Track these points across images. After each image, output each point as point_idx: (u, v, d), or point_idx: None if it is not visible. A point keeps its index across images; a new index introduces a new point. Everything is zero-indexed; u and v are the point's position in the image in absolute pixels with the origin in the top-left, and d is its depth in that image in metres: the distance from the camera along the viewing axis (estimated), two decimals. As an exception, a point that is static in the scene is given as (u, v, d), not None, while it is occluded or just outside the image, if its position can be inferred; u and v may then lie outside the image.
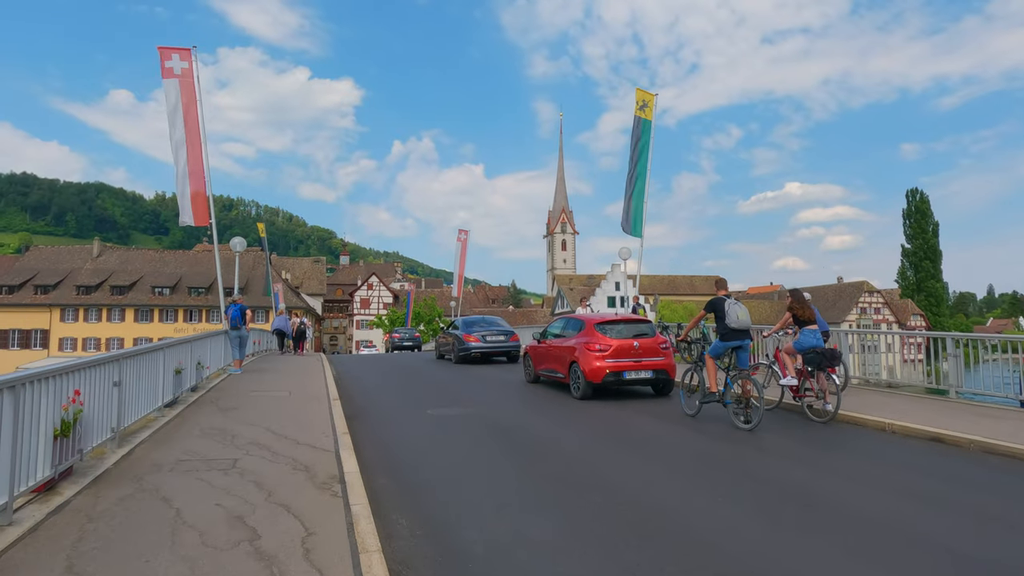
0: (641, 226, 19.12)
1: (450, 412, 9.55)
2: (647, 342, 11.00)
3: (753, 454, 6.83)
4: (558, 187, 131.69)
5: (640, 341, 10.95)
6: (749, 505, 5.10)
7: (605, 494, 5.35)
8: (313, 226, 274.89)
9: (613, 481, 5.79)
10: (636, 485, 5.67)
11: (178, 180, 14.98)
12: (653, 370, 10.91)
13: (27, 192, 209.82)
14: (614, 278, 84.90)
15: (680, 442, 7.57)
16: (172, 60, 15.20)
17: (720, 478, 5.92)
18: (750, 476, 5.95)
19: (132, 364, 6.72)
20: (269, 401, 9.85)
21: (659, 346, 11.14)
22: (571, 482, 5.74)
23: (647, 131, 19.26)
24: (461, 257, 41.82)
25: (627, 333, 11.07)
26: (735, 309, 8.29)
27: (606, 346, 10.76)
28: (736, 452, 6.92)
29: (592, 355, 10.74)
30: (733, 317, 8.24)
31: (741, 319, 8.26)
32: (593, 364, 10.65)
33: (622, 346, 10.78)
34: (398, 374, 16.48)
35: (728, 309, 8.28)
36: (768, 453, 6.88)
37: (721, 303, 8.40)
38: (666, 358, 11.12)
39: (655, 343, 11.11)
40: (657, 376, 11.00)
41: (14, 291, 59.61)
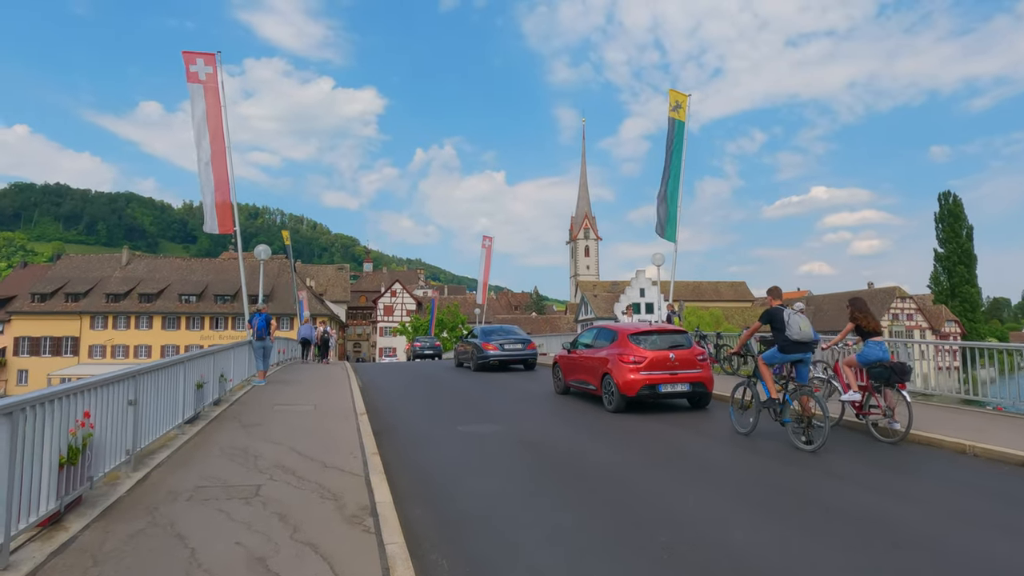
0: (675, 230, 18.48)
1: (482, 429, 9.00)
2: (683, 353, 10.56)
3: (824, 481, 6.16)
4: (581, 192, 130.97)
5: (676, 353, 10.51)
6: (835, 543, 4.46)
7: (671, 531, 4.74)
8: (337, 234, 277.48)
9: (676, 514, 5.17)
10: (703, 520, 5.05)
11: (202, 187, 14.71)
12: (690, 383, 10.46)
13: (60, 202, 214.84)
14: (639, 284, 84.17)
15: (739, 466, 6.92)
16: (196, 65, 14.97)
17: (793, 510, 5.28)
18: (826, 508, 5.29)
19: (150, 380, 6.29)
20: (294, 416, 9.40)
21: (696, 358, 10.68)
22: (628, 516, 5.15)
23: (680, 132, 18.64)
24: (486, 264, 41.36)
25: (662, 344, 10.63)
26: (797, 320, 7.69)
27: (641, 358, 10.34)
28: (804, 478, 6.25)
29: (626, 367, 10.33)
30: (795, 328, 7.64)
31: (804, 330, 7.65)
32: (627, 376, 10.25)
33: (657, 358, 10.35)
34: (423, 384, 16.05)
35: (789, 320, 7.69)
36: (840, 479, 6.20)
37: (780, 313, 7.80)
38: (704, 370, 10.67)
39: (692, 355, 10.65)
40: (694, 389, 10.54)
41: (46, 299, 60.56)
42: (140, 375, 5.94)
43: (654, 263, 18.71)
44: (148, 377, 6.23)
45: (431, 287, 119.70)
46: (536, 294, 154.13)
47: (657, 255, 18.73)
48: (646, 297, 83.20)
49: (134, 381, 5.75)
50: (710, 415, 10.29)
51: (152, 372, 6.35)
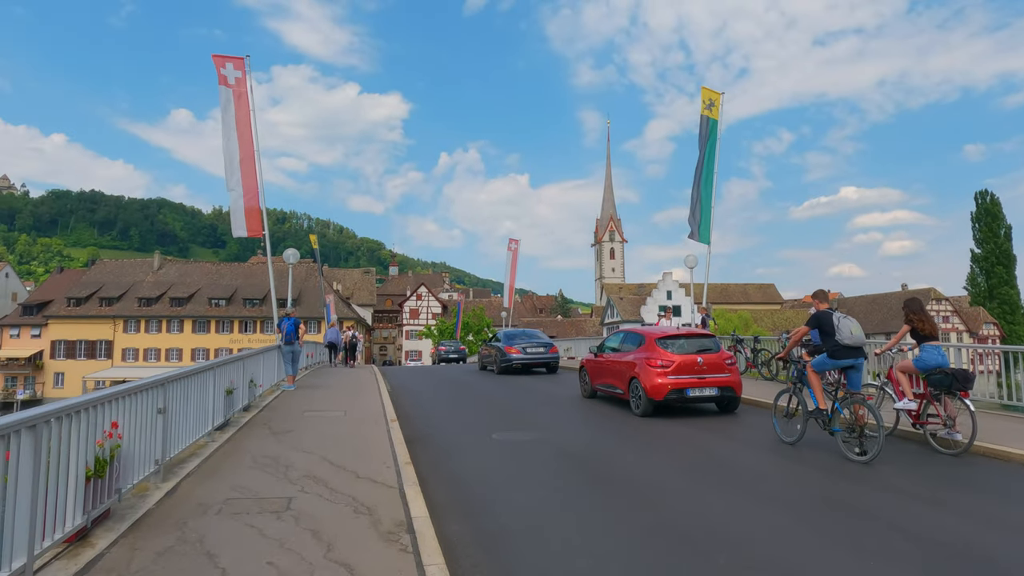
0: (709, 231, 18.01)
1: (517, 437, 8.71)
2: (711, 358, 10.51)
3: (885, 496, 5.74)
4: (606, 195, 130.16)
5: (704, 357, 10.46)
6: (910, 569, 4.08)
7: (729, 552, 4.40)
8: (363, 238, 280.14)
9: (732, 532, 4.82)
10: (761, 538, 4.69)
11: (231, 191, 14.68)
12: (718, 387, 10.41)
13: (95, 208, 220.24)
14: (666, 287, 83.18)
15: (790, 478, 6.52)
16: (226, 68, 14.97)
17: (857, 528, 4.89)
18: (893, 526, 4.89)
19: (179, 388, 6.12)
20: (324, 423, 9.21)
21: (724, 362, 10.61)
22: (680, 534, 4.81)
23: (714, 131, 18.19)
24: (512, 267, 41.08)
25: (690, 348, 10.58)
26: (847, 323, 7.30)
27: (668, 362, 10.29)
28: (863, 493, 5.84)
29: (654, 371, 10.28)
30: (846, 332, 7.24)
31: (855, 335, 7.27)
32: (655, 380, 10.19)
33: (685, 362, 10.31)
34: (451, 388, 15.94)
35: (839, 323, 7.30)
36: (902, 494, 5.78)
37: (829, 317, 7.42)
38: (732, 374, 10.59)
39: (720, 359, 10.58)
40: (722, 393, 10.47)
41: (81, 303, 61.87)
42: (169, 382, 5.77)
43: (687, 265, 18.25)
44: (177, 384, 6.07)
45: (456, 290, 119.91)
46: (561, 297, 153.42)
47: (690, 257, 18.28)
48: (673, 300, 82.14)
49: (163, 389, 5.58)
50: (740, 420, 10.09)
51: (181, 379, 6.19)
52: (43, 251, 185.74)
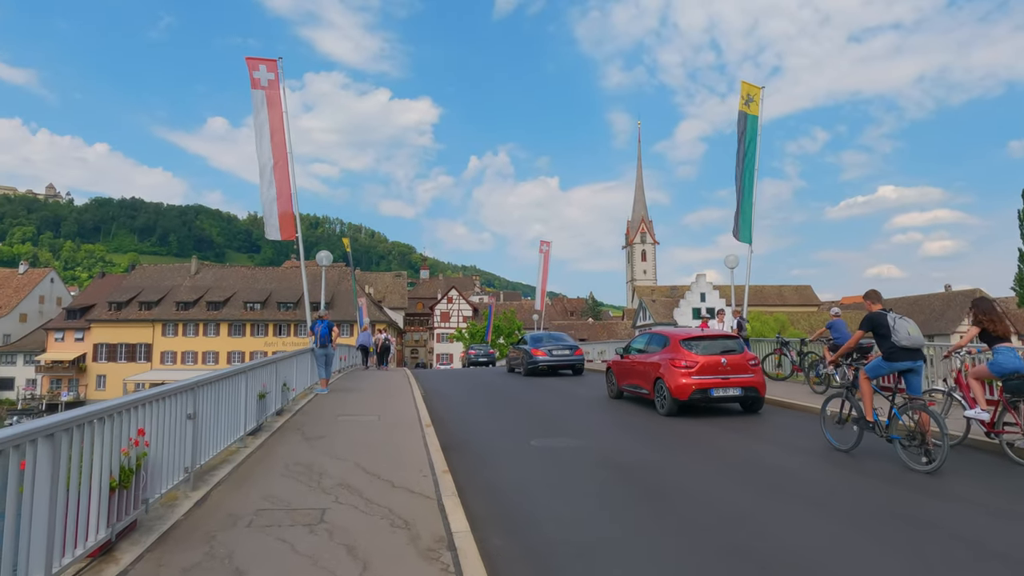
0: (750, 230, 17.40)
1: (556, 444, 8.34)
2: (735, 358, 10.70)
3: (953, 506, 5.22)
4: (637, 196, 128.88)
5: (728, 358, 10.66)
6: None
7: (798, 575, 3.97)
8: (394, 242, 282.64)
9: (802, 553, 4.38)
10: (837, 560, 4.24)
11: (264, 193, 14.63)
12: (742, 387, 10.59)
13: (135, 215, 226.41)
14: (699, 289, 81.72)
15: (855, 491, 5.99)
16: (259, 71, 14.96)
17: (939, 551, 4.40)
18: (976, 546, 4.39)
19: (210, 392, 5.91)
20: (358, 427, 8.97)
21: (748, 363, 10.81)
22: (743, 551, 4.38)
23: (754, 127, 17.59)
24: (543, 269, 40.72)
25: (714, 349, 10.80)
26: (903, 324, 6.84)
27: (692, 362, 10.51)
28: (933, 505, 5.32)
29: (678, 371, 10.50)
30: (904, 334, 6.78)
31: (913, 336, 6.80)
32: (679, 381, 10.41)
33: (709, 363, 10.51)
34: (483, 392, 15.72)
35: (895, 324, 6.85)
36: (974, 505, 5.25)
37: (884, 318, 6.96)
38: (755, 375, 10.79)
39: (743, 359, 10.78)
40: (746, 393, 10.65)
41: (122, 307, 63.36)
42: (199, 387, 5.55)
43: (727, 265, 17.67)
44: (208, 388, 5.85)
45: (486, 293, 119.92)
46: (592, 300, 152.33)
47: (730, 257, 17.69)
48: (707, 302, 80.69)
49: (192, 393, 5.36)
50: (773, 421, 10.11)
51: (212, 383, 5.98)
52: (86, 257, 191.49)
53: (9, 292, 69.77)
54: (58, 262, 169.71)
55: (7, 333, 66.44)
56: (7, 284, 70.99)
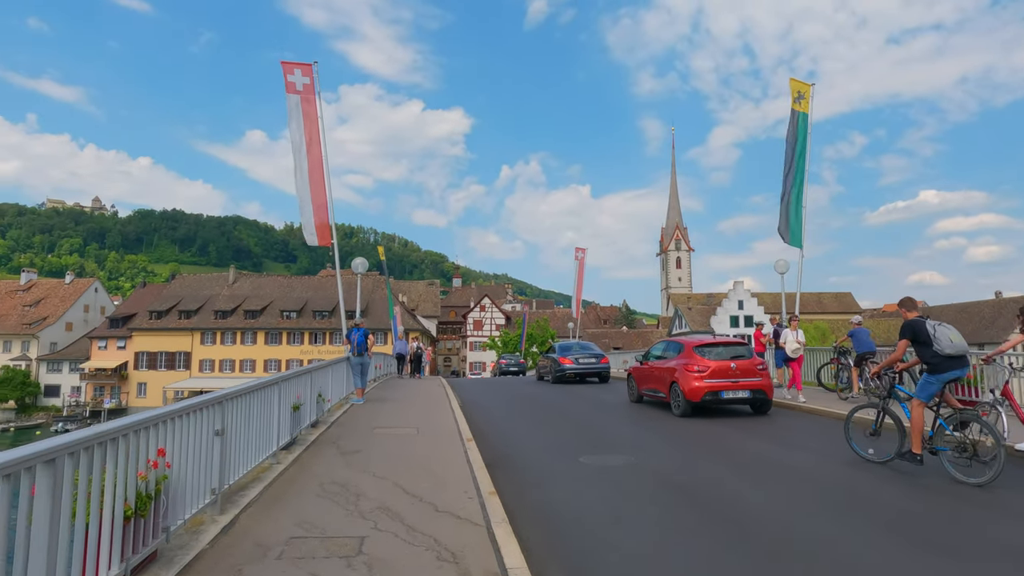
0: (801, 234, 16.53)
1: (607, 461, 7.71)
2: (744, 363, 11.44)
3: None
4: (671, 203, 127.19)
5: (737, 362, 11.39)
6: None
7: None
8: (426, 251, 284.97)
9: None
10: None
11: (300, 198, 14.37)
12: (750, 390, 11.31)
13: (176, 226, 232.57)
14: (737, 296, 79.90)
15: (937, 512, 5.25)
16: (294, 75, 14.73)
17: None
18: None
19: (240, 405, 5.47)
20: (396, 441, 8.48)
21: (756, 367, 11.50)
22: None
23: (804, 125, 16.74)
24: (579, 276, 40.02)
25: (725, 355, 11.51)
26: (944, 331, 6.42)
27: (704, 367, 11.22)
28: (995, 521, 4.57)
29: (691, 375, 11.25)
30: (946, 342, 6.34)
31: (956, 343, 6.35)
32: (692, 384, 11.15)
33: (720, 367, 11.23)
34: (519, 401, 15.33)
35: (936, 332, 6.40)
36: None
37: (923, 325, 6.50)
38: (763, 378, 11.48)
39: (752, 364, 11.51)
40: (754, 396, 11.37)
41: (162, 316, 64.61)
42: (228, 400, 5.11)
43: (777, 271, 16.79)
44: (238, 402, 5.42)
45: (519, 301, 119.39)
46: (625, 308, 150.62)
47: (780, 262, 16.80)
48: (745, 310, 78.83)
49: (220, 408, 4.92)
50: (786, 424, 10.65)
51: (243, 396, 5.54)
52: (130, 267, 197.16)
53: (56, 302, 71.79)
54: (103, 272, 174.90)
55: (54, 341, 68.29)
56: (54, 294, 73.08)
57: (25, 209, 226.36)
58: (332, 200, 14.61)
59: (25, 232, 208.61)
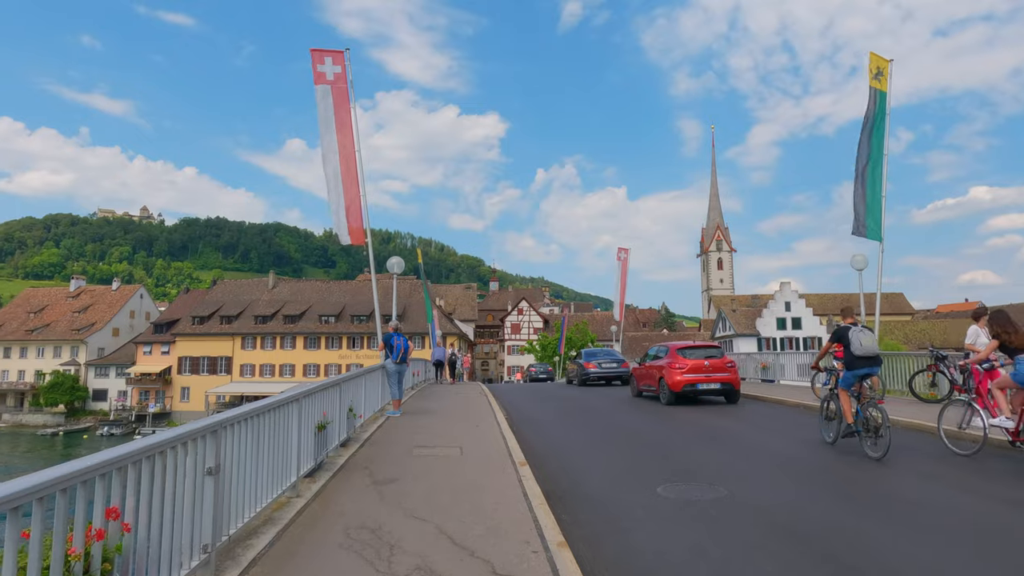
0: (880, 225, 14.86)
1: (692, 494, 6.35)
2: (716, 362, 13.95)
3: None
4: (712, 203, 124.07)
5: (710, 361, 13.94)
6: None
7: None
8: (463, 255, 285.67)
9: None
10: None
11: (331, 195, 13.36)
12: (720, 383, 13.75)
13: (220, 234, 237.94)
14: (783, 298, 76.76)
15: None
16: (324, 64, 13.78)
17: None
18: None
19: (243, 433, 4.34)
20: (437, 466, 7.28)
21: (726, 365, 13.96)
22: None
23: (883, 105, 15.07)
24: (622, 278, 38.52)
25: (700, 355, 14.11)
26: (860, 337, 7.92)
27: (684, 365, 13.82)
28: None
29: (674, 371, 13.79)
30: (857, 344, 7.89)
31: (867, 346, 7.88)
32: (675, 378, 13.70)
33: (697, 365, 13.80)
34: (567, 410, 14.50)
35: (853, 337, 7.94)
36: None
37: (846, 332, 8.09)
38: (731, 374, 13.91)
39: (723, 363, 13.99)
40: (724, 388, 13.83)
41: (204, 321, 65.23)
42: (226, 427, 3.98)
43: (854, 267, 15.14)
44: (241, 428, 4.29)
45: (556, 304, 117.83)
46: (665, 310, 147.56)
47: (857, 257, 15.15)
48: (792, 311, 75.69)
49: (214, 439, 3.79)
50: (750, 408, 13.36)
51: (247, 420, 4.41)
52: (176, 274, 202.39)
53: (103, 308, 73.29)
54: (151, 279, 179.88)
55: (101, 347, 69.64)
56: (101, 300, 74.64)
57: (78, 219, 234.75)
58: (366, 196, 13.59)
59: (78, 241, 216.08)
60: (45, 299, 76.20)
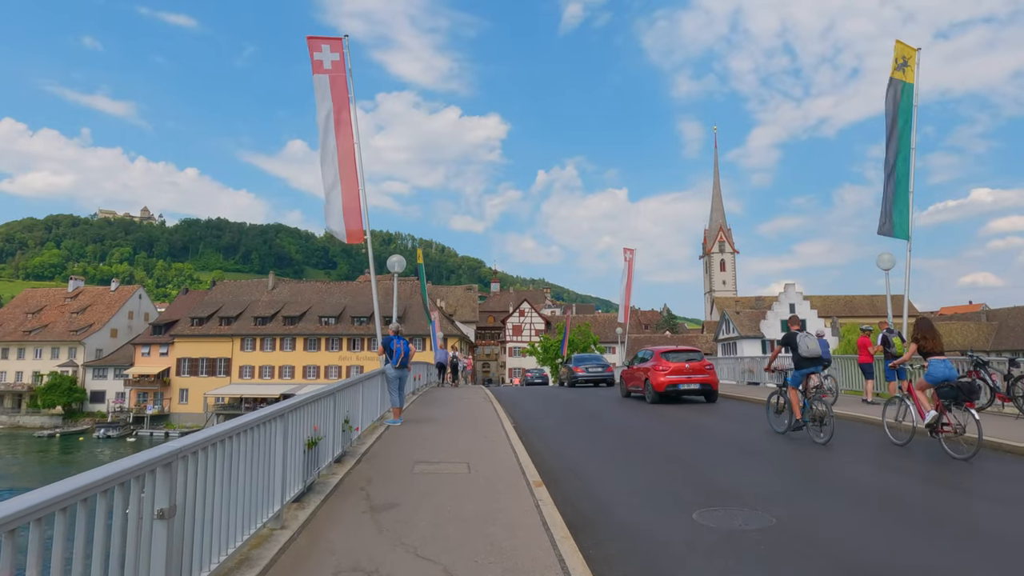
0: (908, 224, 14.09)
1: (732, 522, 5.56)
2: (695, 364, 15.07)
3: None
4: (714, 204, 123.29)
5: (691, 364, 15.02)
6: None
7: None
8: (463, 256, 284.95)
9: None
10: None
11: (327, 190, 12.60)
12: (699, 383, 14.85)
13: (220, 235, 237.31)
14: (788, 299, 75.85)
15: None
16: (322, 52, 13.04)
17: None
18: None
19: (212, 459, 3.57)
20: (442, 487, 6.48)
21: (704, 367, 15.08)
22: None
23: (909, 97, 14.29)
24: (627, 279, 37.57)
25: (682, 358, 15.15)
26: (805, 341, 9.09)
27: (666, 367, 14.86)
28: None
29: (658, 373, 14.84)
30: (804, 347, 9.04)
31: (811, 349, 9.05)
32: (659, 379, 14.74)
33: (678, 367, 14.87)
34: (574, 416, 13.99)
35: (800, 341, 9.08)
36: None
37: (794, 337, 9.17)
38: (709, 375, 15.05)
39: (702, 365, 15.10)
40: (703, 388, 14.92)
41: (203, 323, 64.46)
42: (184, 456, 3.21)
43: (880, 266, 14.35)
44: (206, 456, 3.51)
45: (558, 306, 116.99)
46: (667, 312, 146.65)
47: (884, 256, 14.35)
48: (796, 313, 74.79)
49: (167, 473, 3.02)
50: (725, 406, 14.64)
51: (216, 445, 3.63)
52: (176, 275, 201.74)
53: (102, 309, 72.55)
54: (151, 280, 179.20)
55: (99, 348, 68.90)
56: (100, 301, 73.90)
57: (79, 220, 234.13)
58: (365, 191, 12.81)
59: (79, 242, 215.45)
60: (43, 300, 75.47)
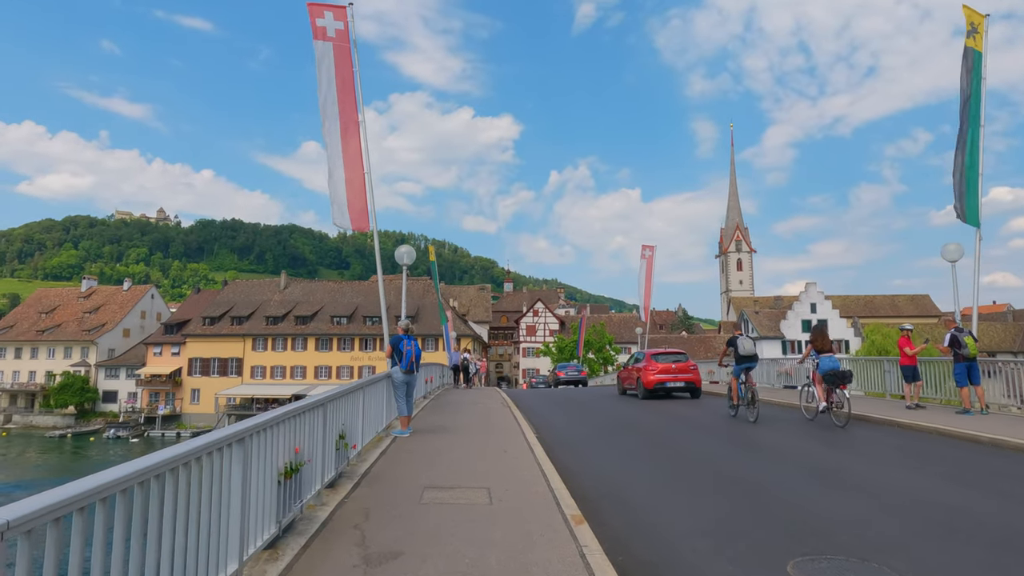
0: (978, 208, 12.62)
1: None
2: (681, 365, 17.17)
3: None
4: (731, 202, 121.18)
5: (676, 364, 17.14)
6: None
7: None
8: (476, 256, 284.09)
9: None
10: None
11: (330, 170, 11.36)
12: (684, 381, 16.97)
13: (235, 236, 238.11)
14: (809, 299, 73.78)
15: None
16: (324, 19, 11.82)
17: None
18: None
19: (122, 510, 2.29)
20: (458, 526, 5.15)
21: (689, 368, 17.19)
22: None
23: (979, 67, 12.80)
24: (647, 277, 36.33)
25: (669, 360, 17.28)
26: (743, 343, 11.74)
27: (655, 367, 17.00)
28: None
29: (648, 372, 16.97)
30: (742, 348, 11.67)
31: (748, 348, 11.68)
32: (648, 378, 16.89)
33: (666, 367, 17.02)
34: (605, 426, 12.05)
35: (739, 343, 11.71)
36: None
37: (736, 339, 11.77)
38: (693, 375, 17.13)
39: (687, 366, 17.22)
40: (688, 385, 17.04)
41: (215, 322, 63.74)
42: (113, 489, 1.93)
43: (946, 258, 12.85)
44: (108, 509, 2.24)
45: (571, 306, 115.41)
46: (682, 313, 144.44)
47: (951, 248, 12.84)
48: (818, 313, 72.72)
49: (56, 528, 1.73)
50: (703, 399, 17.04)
51: (137, 484, 2.35)
52: (191, 275, 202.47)
53: (114, 308, 72.18)
54: (167, 280, 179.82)
55: (112, 348, 68.49)
56: (112, 301, 73.54)
57: (96, 221, 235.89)
58: (371, 173, 11.54)
59: (96, 243, 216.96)
60: (56, 299, 75.25)
